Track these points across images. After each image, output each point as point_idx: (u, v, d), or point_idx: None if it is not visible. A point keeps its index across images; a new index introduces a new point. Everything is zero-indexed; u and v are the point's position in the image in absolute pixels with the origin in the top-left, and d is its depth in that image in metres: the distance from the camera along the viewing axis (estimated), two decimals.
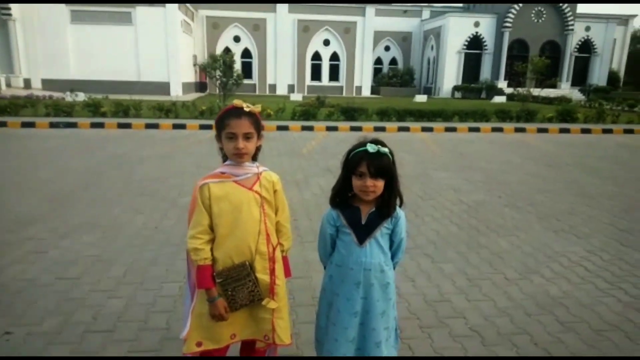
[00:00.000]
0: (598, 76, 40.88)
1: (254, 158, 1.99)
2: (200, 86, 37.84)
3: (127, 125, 13.33)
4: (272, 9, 39.11)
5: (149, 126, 13.47)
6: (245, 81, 29.96)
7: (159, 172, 7.46)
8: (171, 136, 11.93)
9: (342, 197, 1.98)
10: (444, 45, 39.34)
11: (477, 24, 38.83)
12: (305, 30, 39.51)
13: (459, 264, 3.93)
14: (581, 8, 39.70)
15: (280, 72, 40.10)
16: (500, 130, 14.83)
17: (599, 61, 40.90)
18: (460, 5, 46.56)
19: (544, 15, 38.62)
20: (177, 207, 5.49)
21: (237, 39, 39.46)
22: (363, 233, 1.93)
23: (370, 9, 40.57)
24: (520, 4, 37.63)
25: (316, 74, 41.19)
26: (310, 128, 14.24)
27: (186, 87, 31.78)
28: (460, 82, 39.46)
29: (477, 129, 14.76)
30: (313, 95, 27.00)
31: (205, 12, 38.20)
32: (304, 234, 4.53)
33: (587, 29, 40.20)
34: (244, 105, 1.89)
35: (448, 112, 16.68)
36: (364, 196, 1.88)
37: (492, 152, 10.55)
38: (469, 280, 3.59)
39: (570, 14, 38.40)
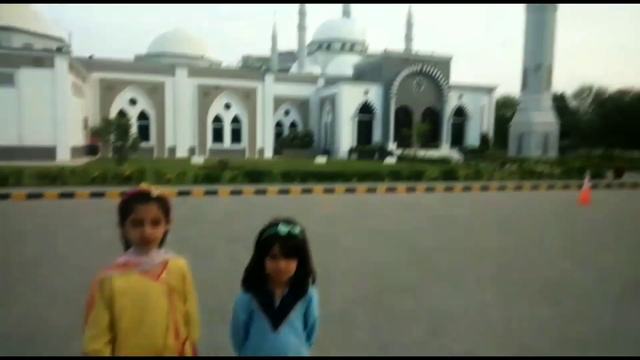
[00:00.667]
0: (472, 138, 46.44)
1: (161, 243, 1.90)
2: (91, 150, 35.49)
3: (5, 197, 11.89)
4: (170, 72, 38.99)
5: (31, 196, 12.15)
6: (142, 144, 28.85)
7: (41, 251, 6.68)
8: (57, 207, 10.86)
9: (255, 279, 1.94)
10: (339, 111, 42.07)
11: (366, 92, 42.39)
12: (206, 94, 39.75)
13: (369, 329, 4.00)
14: (454, 78, 45.60)
15: (180, 134, 39.39)
16: (394, 190, 15.90)
17: (471, 125, 46.68)
18: (351, 74, 50.76)
19: (423, 85, 43.54)
20: (61, 295, 4.91)
21: (133, 102, 38.30)
22: (277, 317, 1.88)
23: (269, 77, 42.39)
24: (402, 75, 42.04)
25: (218, 136, 41.16)
26: (214, 192, 13.97)
27: (75, 151, 29.58)
28: (355, 144, 42.11)
29: (374, 190, 15.67)
30: (215, 157, 26.76)
31: (99, 74, 36.77)
32: (211, 312, 4.30)
33: (460, 97, 46.03)
34: (152, 188, 1.82)
35: (347, 174, 17.55)
36: (278, 278, 1.85)
37: (389, 212, 11.22)
38: (380, 347, 3.66)
39: (444, 83, 43.78)
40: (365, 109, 42.71)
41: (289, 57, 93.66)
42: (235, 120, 41.58)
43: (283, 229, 1.82)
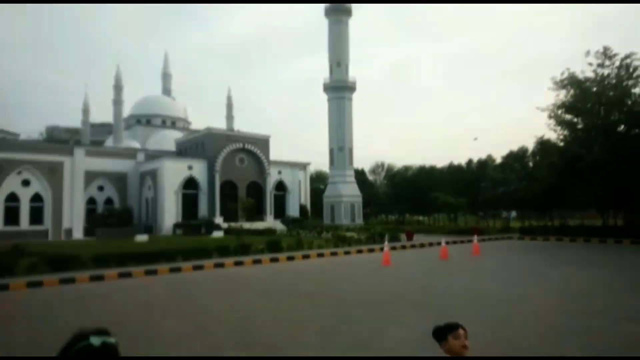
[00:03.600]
0: (292, 209, 49.64)
1: None
2: None
3: None
4: None
5: None
6: None
7: None
8: None
9: None
10: (161, 186, 40.61)
11: (190, 167, 42.19)
12: None
13: None
14: (273, 156, 48.79)
15: None
16: (221, 265, 15.97)
17: (291, 197, 50.06)
18: (173, 150, 50.06)
19: (246, 162, 45.57)
20: None
21: None
22: None
23: (79, 150, 38.86)
24: (226, 152, 43.42)
25: (13, 217, 35.07)
26: (4, 287, 11.87)
27: None
28: (180, 219, 40.73)
29: (201, 267, 15.46)
30: (8, 243, 22.82)
31: None
32: None
33: (280, 172, 49.36)
34: None
35: (171, 252, 16.96)
36: None
37: (217, 289, 11.29)
38: None
39: (265, 160, 46.58)
40: (190, 184, 42.20)
41: (103, 129, 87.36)
42: (37, 198, 36.25)
43: (96, 340, 1.53)
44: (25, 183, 35.70)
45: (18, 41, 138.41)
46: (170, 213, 40.46)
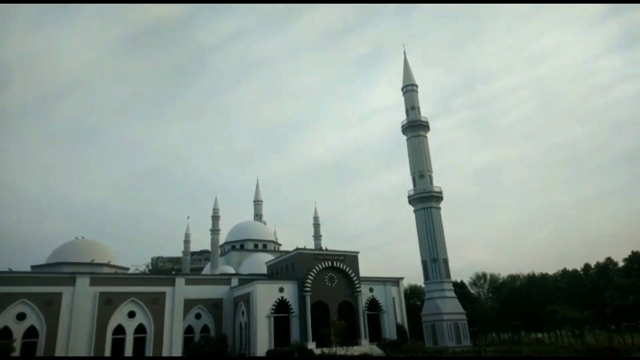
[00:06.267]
0: (389, 330, 46.25)
1: None
2: None
3: None
4: (70, 282, 36.34)
5: None
6: None
7: None
8: None
9: None
10: (254, 310, 40.62)
11: (281, 290, 42.14)
12: (108, 303, 36.68)
13: None
14: (363, 272, 47.35)
15: (72, 352, 34.51)
16: None
17: (386, 317, 47.01)
18: (265, 272, 51.04)
19: (336, 280, 44.61)
20: None
21: (20, 317, 33.97)
22: None
23: (180, 279, 40.97)
24: (315, 271, 43.12)
25: (118, 349, 36.57)
26: None
27: None
28: (272, 346, 39.58)
29: None
30: None
31: None
32: None
33: (371, 290, 47.34)
34: None
35: None
36: None
37: None
38: None
39: (355, 277, 45.23)
40: (281, 307, 41.75)
41: (201, 256, 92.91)
42: (140, 329, 37.88)
43: None
44: (131, 314, 37.72)
45: (127, 181, 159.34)
46: (262, 339, 39.66)
